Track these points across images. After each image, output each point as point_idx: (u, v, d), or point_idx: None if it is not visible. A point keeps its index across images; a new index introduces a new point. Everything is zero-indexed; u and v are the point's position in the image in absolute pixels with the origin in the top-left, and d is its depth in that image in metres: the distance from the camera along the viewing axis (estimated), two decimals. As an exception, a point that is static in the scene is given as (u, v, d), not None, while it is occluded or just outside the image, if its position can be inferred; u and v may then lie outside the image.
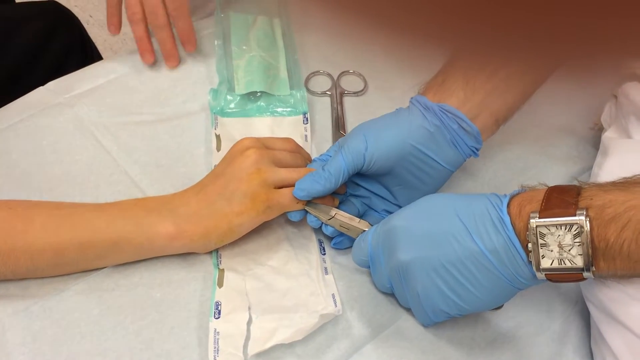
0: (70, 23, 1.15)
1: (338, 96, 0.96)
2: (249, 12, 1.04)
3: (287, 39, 1.02)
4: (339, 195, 0.78)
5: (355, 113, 0.95)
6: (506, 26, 0.22)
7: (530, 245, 0.60)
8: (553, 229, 0.59)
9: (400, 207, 0.76)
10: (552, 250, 0.59)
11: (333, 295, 0.73)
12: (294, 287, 0.74)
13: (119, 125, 0.89)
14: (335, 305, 0.71)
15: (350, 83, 0.99)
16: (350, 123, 0.93)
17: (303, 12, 1.03)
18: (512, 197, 0.63)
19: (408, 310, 0.74)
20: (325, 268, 0.76)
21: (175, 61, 0.96)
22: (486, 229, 0.62)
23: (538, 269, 0.60)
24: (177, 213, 0.73)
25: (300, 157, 0.78)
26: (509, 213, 0.62)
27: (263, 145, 0.75)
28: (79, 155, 0.86)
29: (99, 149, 0.86)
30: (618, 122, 0.81)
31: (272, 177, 0.73)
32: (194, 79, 0.97)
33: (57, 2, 1.17)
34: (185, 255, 0.76)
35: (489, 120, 0.75)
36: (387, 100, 0.96)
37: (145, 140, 0.88)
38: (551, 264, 0.59)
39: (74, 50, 1.12)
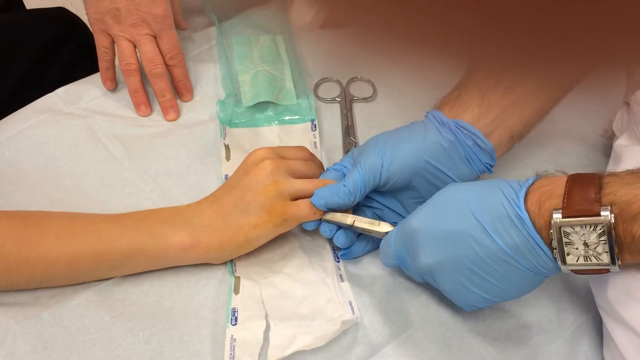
0: (79, 30, 1.16)
1: (347, 103, 0.96)
2: (250, 34, 1.05)
3: (290, 51, 1.02)
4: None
5: (365, 119, 0.96)
6: (516, 33, 0.22)
7: (554, 242, 0.60)
8: (577, 228, 0.59)
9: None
10: (577, 248, 0.59)
11: (350, 303, 0.73)
12: (310, 294, 0.74)
13: (130, 136, 0.90)
14: (353, 313, 0.71)
15: (359, 89, 0.99)
16: (360, 130, 0.94)
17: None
18: (528, 191, 0.63)
19: (418, 319, 0.74)
20: (341, 275, 0.76)
21: (175, 113, 0.94)
22: (504, 227, 0.62)
23: (564, 263, 0.60)
24: (191, 224, 0.73)
25: (314, 166, 0.79)
26: (527, 209, 0.62)
27: (277, 155, 0.75)
28: (91, 165, 0.86)
29: (110, 159, 0.87)
30: (630, 130, 0.81)
31: (289, 189, 0.73)
32: (202, 89, 0.98)
33: (65, 9, 1.17)
34: (196, 264, 0.76)
35: (503, 137, 0.76)
36: (397, 107, 0.96)
37: (156, 151, 0.89)
38: (577, 261, 0.60)
39: (82, 57, 1.13)
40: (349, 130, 0.93)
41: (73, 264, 0.71)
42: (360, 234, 0.77)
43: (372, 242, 0.79)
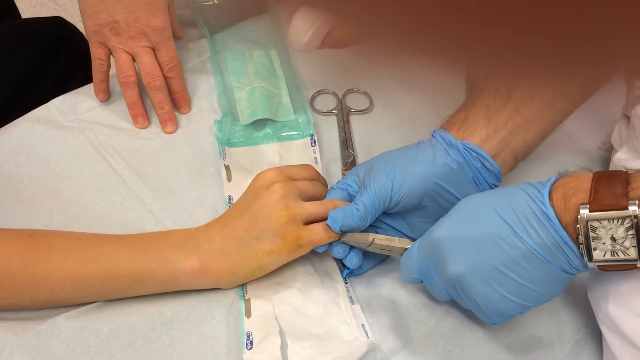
0: (75, 39, 1.16)
1: (344, 115, 0.96)
2: (243, 48, 1.05)
3: (285, 66, 1.02)
4: None
5: (363, 131, 0.96)
6: (513, 44, 0.22)
7: (580, 237, 0.60)
8: (605, 222, 0.59)
9: (415, 239, 0.75)
10: (604, 243, 0.60)
11: (363, 326, 0.72)
12: (322, 314, 0.73)
13: (129, 149, 0.90)
14: (368, 337, 0.71)
15: (355, 101, 1.00)
16: (358, 142, 0.94)
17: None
18: (552, 188, 0.64)
19: (418, 334, 0.74)
20: (351, 297, 0.76)
21: (174, 125, 0.94)
22: (531, 225, 0.63)
23: (590, 260, 0.61)
24: (202, 249, 0.72)
25: (320, 185, 0.78)
26: (552, 205, 0.62)
27: (286, 177, 0.75)
28: (91, 179, 0.86)
29: (110, 172, 0.87)
30: (630, 144, 0.81)
31: (302, 213, 0.72)
32: (199, 101, 0.98)
33: (61, 18, 1.17)
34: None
35: (508, 157, 0.77)
36: (394, 118, 0.97)
37: (156, 163, 0.89)
38: (604, 256, 0.60)
39: (79, 66, 1.13)
40: (346, 142, 0.93)
41: (80, 285, 0.70)
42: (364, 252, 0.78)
43: (372, 260, 0.79)
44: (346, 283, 0.77)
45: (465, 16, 0.21)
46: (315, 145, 0.91)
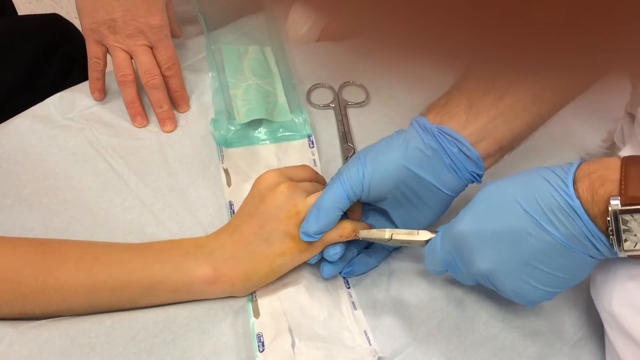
0: (72, 37, 1.16)
1: (341, 108, 0.98)
2: (239, 43, 1.06)
3: (281, 64, 1.03)
4: None
5: (361, 124, 0.97)
6: (517, 45, 0.22)
7: (611, 229, 0.61)
8: (637, 215, 0.60)
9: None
10: (635, 235, 0.60)
11: (365, 332, 0.73)
12: (326, 318, 0.74)
13: (128, 149, 0.91)
14: (370, 344, 0.72)
15: (352, 94, 1.01)
16: (357, 135, 0.95)
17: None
18: (576, 177, 0.63)
19: (420, 334, 0.75)
20: (353, 303, 0.76)
21: (173, 124, 0.95)
22: (557, 218, 0.63)
23: (620, 250, 0.62)
24: (214, 256, 0.73)
25: (320, 187, 0.78)
26: (578, 197, 0.62)
27: (288, 177, 0.75)
28: (91, 180, 0.87)
29: (110, 172, 0.88)
30: (634, 141, 0.81)
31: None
32: (197, 99, 0.99)
33: (59, 15, 1.18)
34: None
35: (492, 148, 0.75)
36: (391, 109, 0.98)
37: (155, 163, 0.90)
38: (635, 247, 0.61)
39: (76, 64, 1.13)
40: (346, 136, 0.94)
41: (92, 294, 0.70)
42: (365, 249, 0.79)
43: (375, 258, 0.80)
44: (348, 288, 0.78)
45: (459, 11, 0.21)
46: (313, 146, 0.92)
